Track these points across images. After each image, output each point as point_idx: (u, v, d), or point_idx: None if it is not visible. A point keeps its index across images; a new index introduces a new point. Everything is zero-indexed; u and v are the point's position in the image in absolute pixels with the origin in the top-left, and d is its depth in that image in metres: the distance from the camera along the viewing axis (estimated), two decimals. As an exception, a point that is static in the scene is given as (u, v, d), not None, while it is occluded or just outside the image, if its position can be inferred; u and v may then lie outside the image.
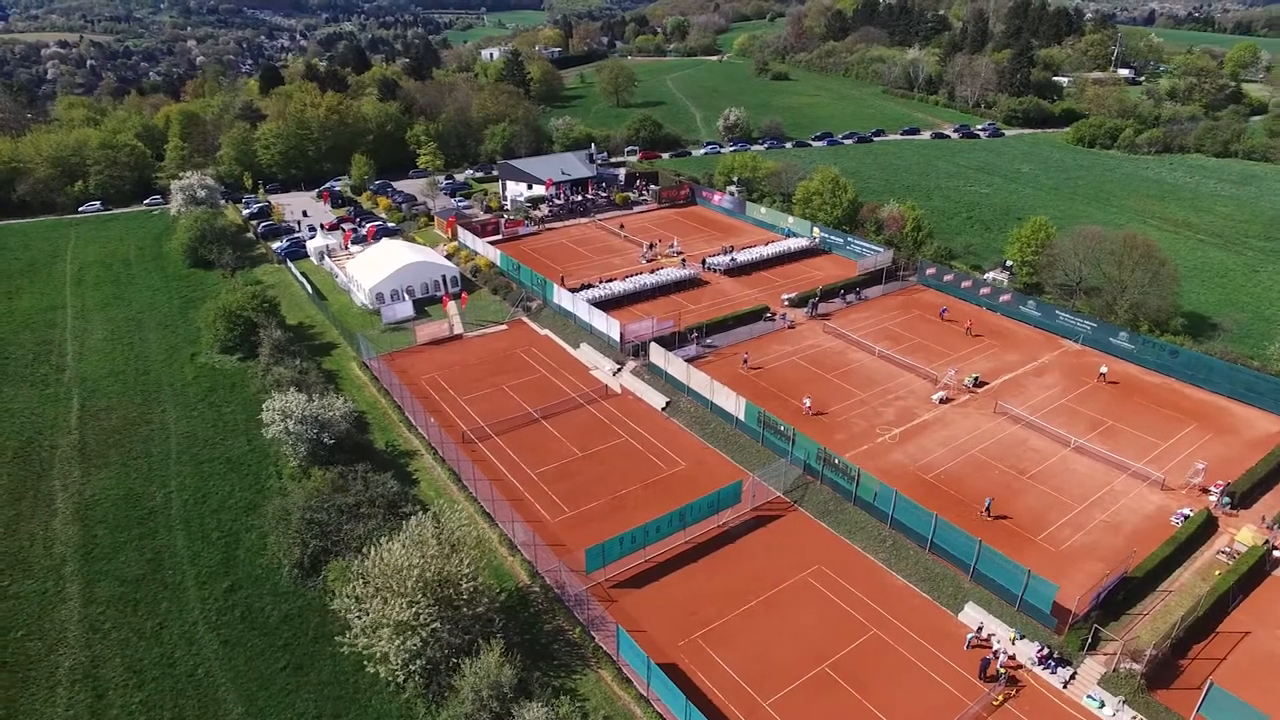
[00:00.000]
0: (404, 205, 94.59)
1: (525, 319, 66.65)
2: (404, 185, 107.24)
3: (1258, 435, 48.65)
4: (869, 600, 36.74)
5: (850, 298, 68.85)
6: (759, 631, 34.92)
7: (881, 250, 74.41)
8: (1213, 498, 42.33)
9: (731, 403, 48.84)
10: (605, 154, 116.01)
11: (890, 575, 38.31)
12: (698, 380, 51.52)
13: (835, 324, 63.69)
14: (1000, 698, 31.55)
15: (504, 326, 65.56)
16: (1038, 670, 32.77)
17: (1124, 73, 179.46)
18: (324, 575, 37.23)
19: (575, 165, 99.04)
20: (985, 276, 67.86)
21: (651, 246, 79.61)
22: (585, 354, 60.00)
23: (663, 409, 52.59)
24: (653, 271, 72.91)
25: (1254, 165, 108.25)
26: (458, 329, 64.11)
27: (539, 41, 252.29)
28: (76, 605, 37.34)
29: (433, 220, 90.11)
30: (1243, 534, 39.22)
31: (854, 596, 36.97)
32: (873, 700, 31.56)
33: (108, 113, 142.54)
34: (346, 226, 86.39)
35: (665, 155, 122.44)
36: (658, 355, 55.00)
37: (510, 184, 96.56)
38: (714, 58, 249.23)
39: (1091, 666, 32.59)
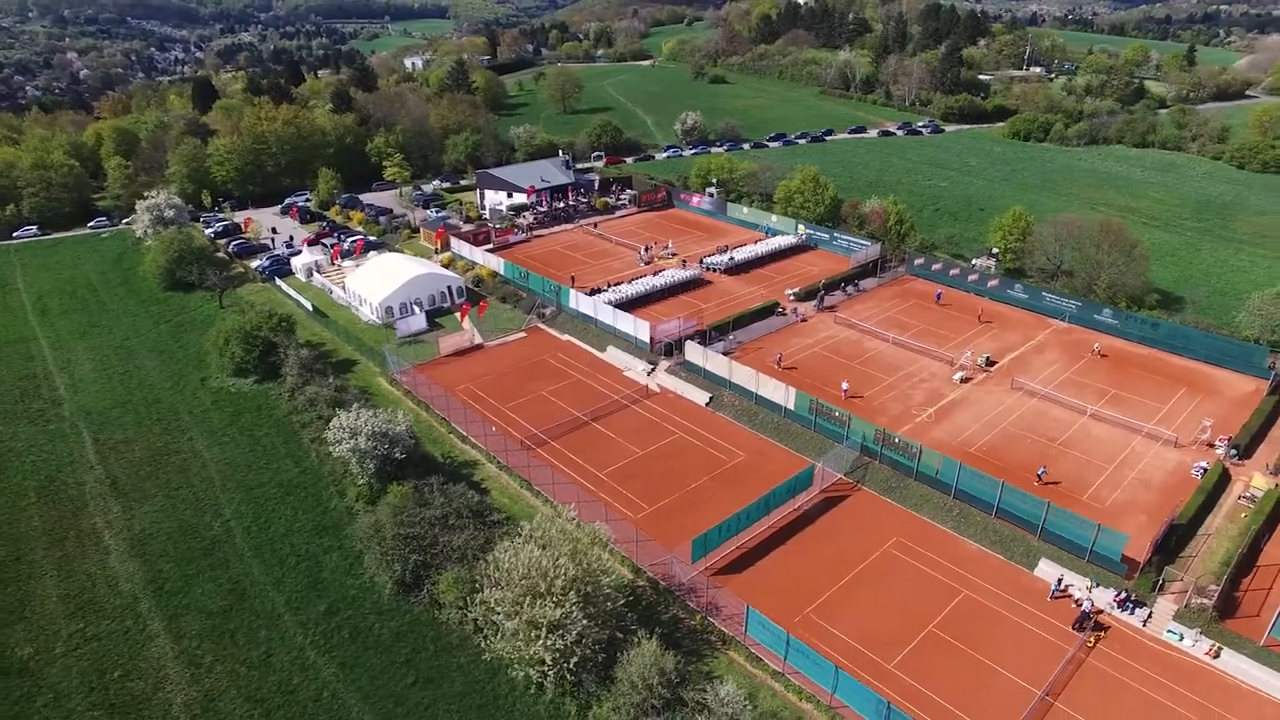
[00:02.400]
0: (382, 218, 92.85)
1: (541, 325, 67.03)
2: (371, 198, 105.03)
3: (1239, 394, 54.25)
4: (950, 565, 39.41)
5: (850, 289, 72.27)
6: (861, 602, 37.02)
7: (869, 244, 78.33)
8: (1219, 450, 47.14)
9: (781, 393, 50.93)
10: (573, 160, 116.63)
11: (963, 541, 41.13)
12: (741, 374, 53.41)
13: (845, 315, 66.83)
14: (1093, 640, 34.64)
15: (523, 334, 65.76)
16: (1118, 613, 36.09)
17: (1036, 70, 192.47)
18: (428, 588, 37.15)
19: (553, 172, 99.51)
20: (974, 263, 72.52)
21: (648, 249, 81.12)
22: (614, 356, 60.99)
23: (706, 404, 54.23)
24: (655, 273, 74.49)
25: (1170, 154, 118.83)
26: (478, 339, 64.00)
27: (467, 49, 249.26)
28: (166, 641, 36.01)
29: (416, 232, 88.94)
30: (1256, 480, 44.00)
31: (936, 563, 39.58)
32: (983, 654, 34.10)
33: (24, 131, 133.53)
34: (331, 241, 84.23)
35: (629, 160, 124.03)
36: (695, 353, 56.60)
37: (489, 193, 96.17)
38: (645, 62, 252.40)
39: (1164, 605, 36.15)
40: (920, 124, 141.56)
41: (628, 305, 66.45)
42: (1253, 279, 71.08)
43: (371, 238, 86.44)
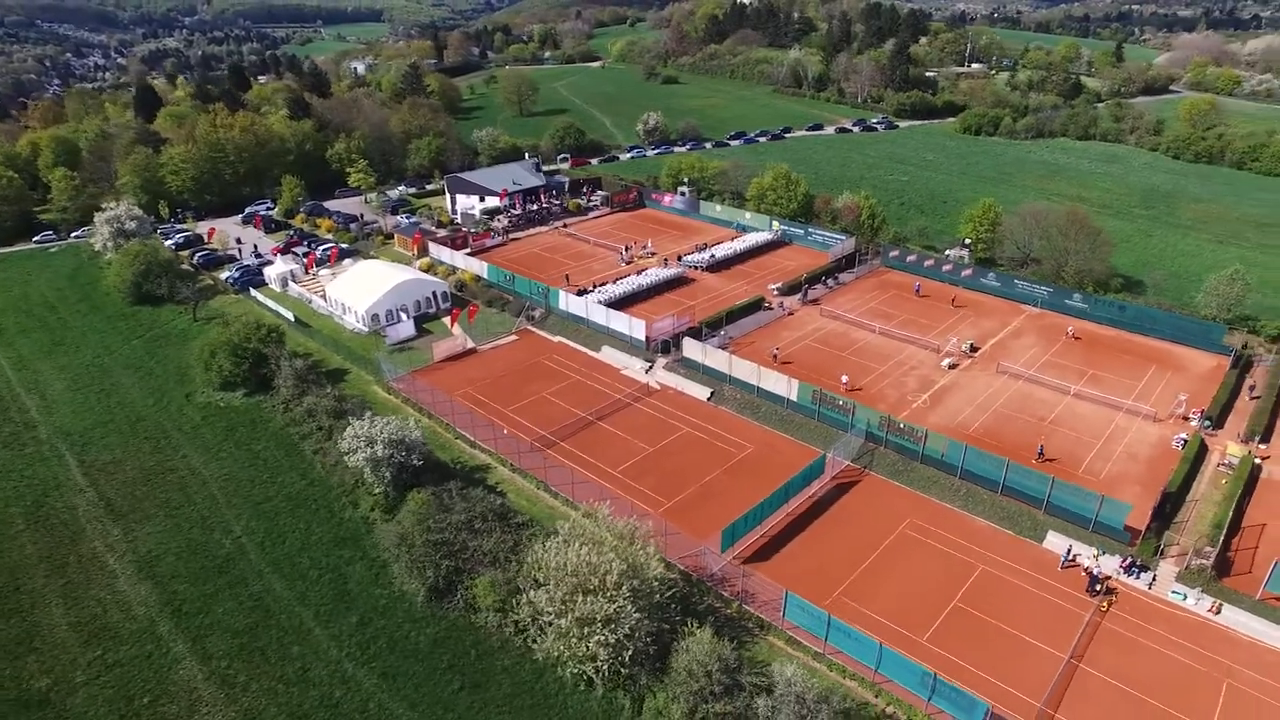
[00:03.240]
0: (352, 225, 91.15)
1: (531, 328, 66.93)
2: (335, 205, 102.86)
3: (1203, 370, 57.74)
4: (964, 542, 41.06)
5: (830, 283, 74.14)
6: (887, 582, 38.31)
7: (844, 238, 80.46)
8: (1194, 422, 50.17)
9: (783, 386, 52.11)
10: (541, 162, 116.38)
11: (973, 519, 42.87)
12: (742, 369, 54.43)
13: (829, 307, 68.57)
14: (1106, 605, 36.65)
15: (514, 337, 65.57)
16: (1125, 579, 38.22)
17: (977, 67, 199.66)
18: (462, 593, 37.01)
19: (524, 175, 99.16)
20: (947, 254, 75.20)
21: (628, 249, 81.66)
22: (609, 356, 61.36)
23: (708, 399, 55.08)
24: (639, 273, 75.10)
25: (1112, 146, 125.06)
26: (469, 344, 63.59)
27: (413, 53, 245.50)
28: (194, 663, 35.08)
29: (390, 239, 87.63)
30: (1231, 449, 47.03)
31: (950, 541, 41.18)
32: (1009, 623, 35.73)
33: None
34: (304, 250, 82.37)
35: (594, 161, 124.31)
36: (694, 349, 57.41)
37: (460, 197, 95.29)
38: (595, 64, 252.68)
39: (1166, 569, 38.44)
40: (875, 120, 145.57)
41: (616, 305, 66.86)
42: (1201, 261, 75.58)
43: (343, 245, 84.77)
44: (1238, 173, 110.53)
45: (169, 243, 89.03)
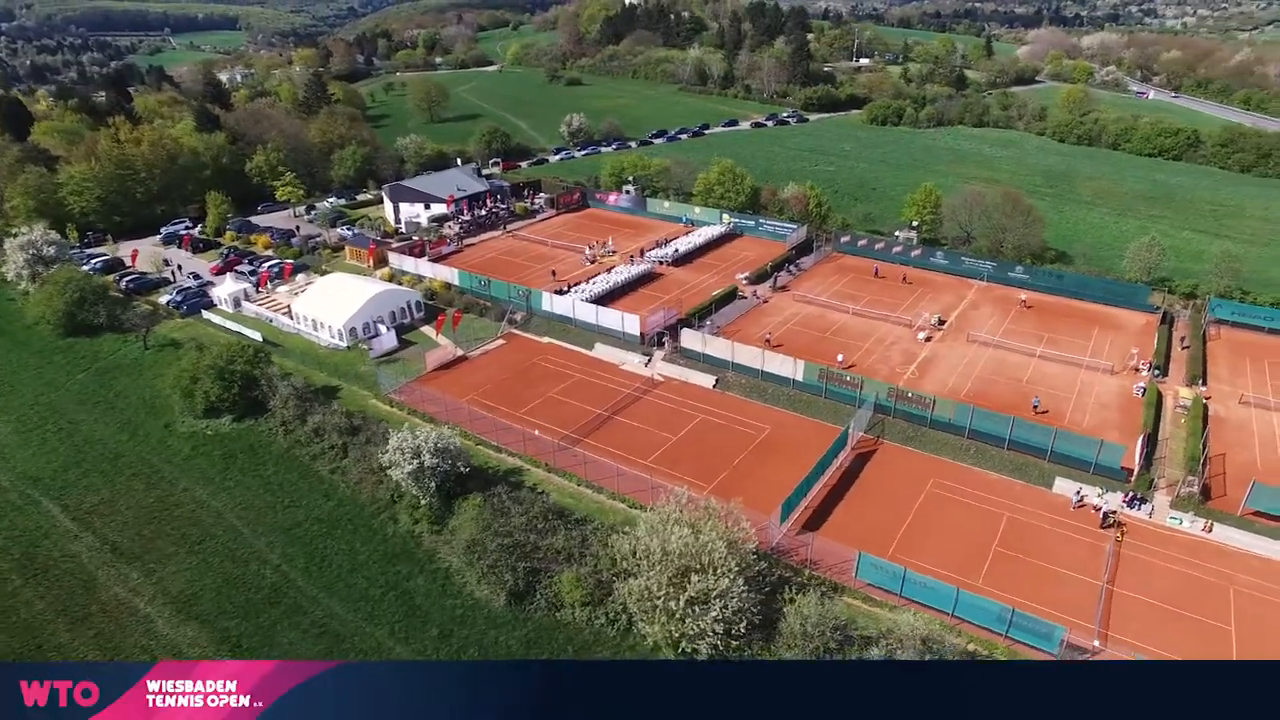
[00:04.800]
0: (294, 240, 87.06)
1: (516, 331, 66.63)
2: (262, 221, 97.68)
3: (1137, 326, 65.01)
4: (985, 494, 44.88)
5: (793, 269, 77.74)
6: (930, 537, 41.39)
7: (795, 227, 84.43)
8: (1144, 373, 56.59)
9: (789, 367, 54.69)
10: (480, 167, 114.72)
11: (987, 474, 46.82)
12: (745, 354, 56.63)
13: (800, 292, 72.01)
14: (1120, 535, 41.23)
15: (501, 341, 65.08)
16: (1129, 511, 43.04)
17: (865, 62, 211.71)
18: (542, 592, 37.15)
19: (468, 181, 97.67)
20: (897, 235, 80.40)
21: (591, 249, 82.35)
22: (605, 352, 62.08)
23: (713, 386, 56.94)
24: (608, 270, 76.05)
25: (1005, 132, 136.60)
26: (458, 351, 62.66)
27: (299, 61, 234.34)
28: (275, 696, 33.51)
29: (338, 251, 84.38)
30: (1182, 392, 53.55)
31: (973, 494, 44.91)
32: (1043, 559, 39.57)
33: None
34: (250, 267, 78.08)
35: (523, 164, 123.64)
36: (694, 339, 59.11)
37: (404, 206, 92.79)
38: (490, 68, 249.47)
39: (1160, 499, 43.59)
40: (786, 114, 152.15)
41: (597, 303, 67.62)
42: (1108, 232, 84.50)
43: (288, 261, 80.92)
44: (1114, 153, 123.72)
45: (84, 268, 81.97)
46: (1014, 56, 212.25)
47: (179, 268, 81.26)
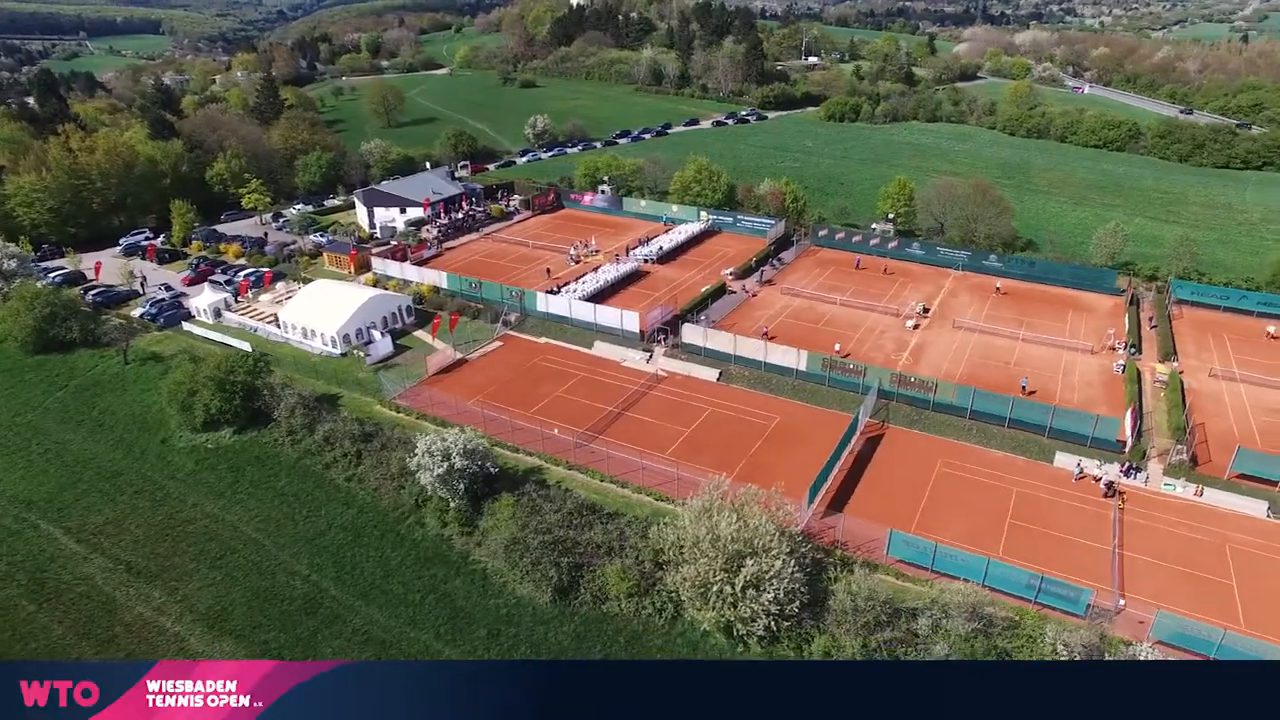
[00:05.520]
0: (268, 248, 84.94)
1: (512, 332, 66.52)
2: (227, 229, 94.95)
3: (1106, 308, 68.62)
4: (992, 471, 46.98)
5: (776, 264, 79.46)
6: (947, 514, 43.13)
7: (773, 222, 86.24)
8: (1120, 351, 59.87)
9: (792, 358, 56.10)
10: (454, 171, 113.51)
11: (991, 452, 48.98)
12: (748, 347, 57.85)
13: (787, 286, 73.68)
14: (1122, 502, 43.75)
15: (499, 343, 64.90)
16: (1126, 480, 45.64)
17: (813, 60, 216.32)
18: (586, 586, 37.54)
19: (442, 184, 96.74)
20: (874, 228, 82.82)
21: (575, 249, 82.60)
22: (605, 350, 62.51)
23: (718, 380, 57.97)
24: (596, 270, 76.47)
25: (958, 126, 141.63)
26: (456, 354, 62.31)
27: (240, 66, 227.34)
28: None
29: (315, 258, 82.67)
30: (1159, 368, 56.85)
31: (981, 472, 46.96)
32: (1056, 529, 41.73)
33: None
34: (226, 277, 75.98)
35: (491, 167, 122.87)
36: (695, 334, 60.06)
37: (379, 210, 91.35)
38: (440, 71, 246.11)
39: (1154, 468, 46.35)
40: (745, 112, 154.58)
41: (591, 301, 68.04)
42: (1068, 220, 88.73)
43: (268, 269, 79.00)
44: (1062, 145, 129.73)
45: (42, 282, 78.45)
46: (955, 53, 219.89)
47: (144, 279, 78.53)
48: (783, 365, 56.57)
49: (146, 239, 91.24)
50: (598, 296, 70.46)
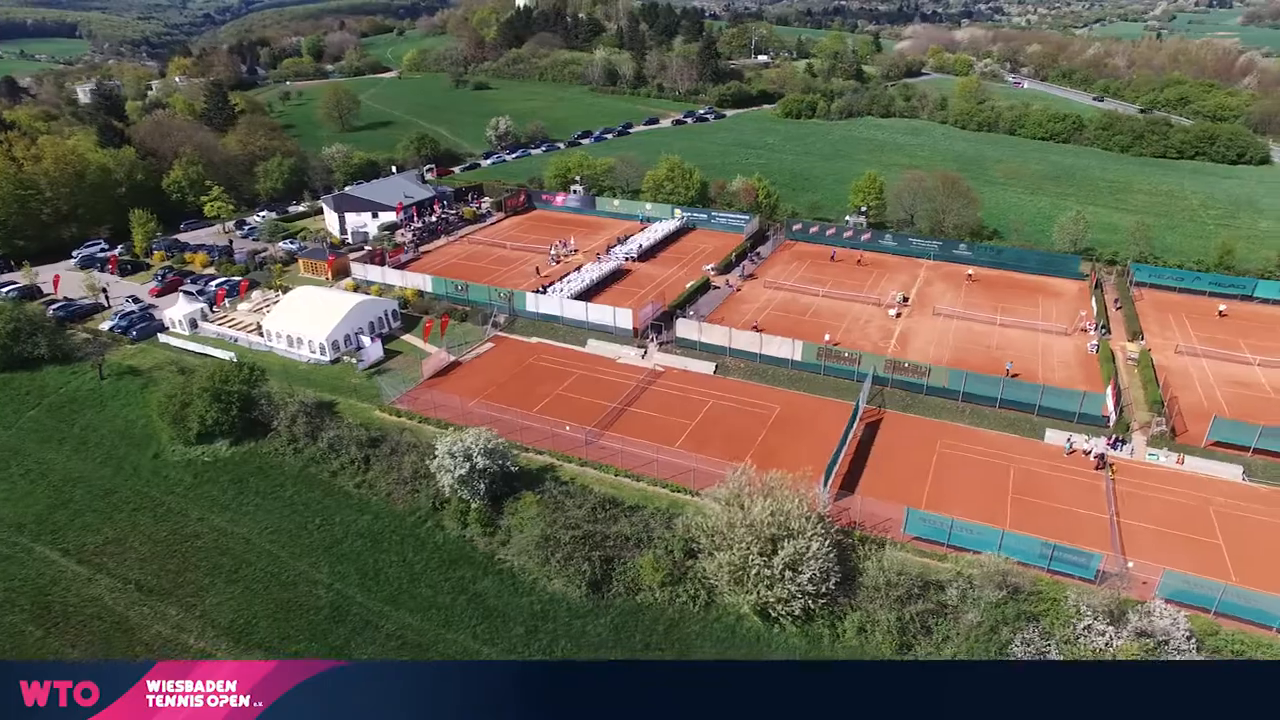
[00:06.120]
0: (237, 256, 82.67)
1: (502, 333, 66.33)
2: (188, 238, 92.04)
3: (1073, 291, 72.02)
4: (988, 449, 49.04)
5: (754, 258, 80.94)
6: (953, 491, 44.87)
7: (748, 217, 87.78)
8: (1092, 332, 62.99)
9: (787, 349, 57.42)
10: (423, 174, 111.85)
11: (985, 432, 51.09)
12: (743, 339, 58.97)
13: (768, 279, 75.19)
14: (1112, 473, 46.24)
15: (490, 344, 64.66)
16: (1113, 452, 48.21)
17: (762, 58, 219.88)
18: (618, 578, 37.99)
19: (414, 188, 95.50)
20: (848, 220, 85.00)
21: (553, 249, 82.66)
22: (599, 348, 62.86)
23: (714, 373, 58.95)
24: (578, 269, 76.74)
25: (912, 121, 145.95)
26: (449, 356, 61.90)
27: (177, 71, 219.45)
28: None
29: (289, 266, 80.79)
30: (1129, 347, 60.06)
31: (978, 451, 48.99)
32: (1055, 500, 43.89)
33: None
34: (195, 287, 73.75)
35: (456, 170, 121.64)
36: (689, 328, 60.92)
37: (350, 215, 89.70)
38: (388, 75, 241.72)
39: (1138, 439, 49.06)
40: (703, 111, 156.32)
41: (579, 299, 68.34)
42: (1027, 209, 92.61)
43: (243, 278, 76.94)
44: (1012, 138, 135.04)
45: (-3, 299, 74.87)
46: (900, 50, 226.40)
47: (107, 292, 75.65)
48: (778, 356, 57.85)
49: (103, 250, 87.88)
50: (584, 295, 70.73)
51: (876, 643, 34.27)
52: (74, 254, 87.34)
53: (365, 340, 62.73)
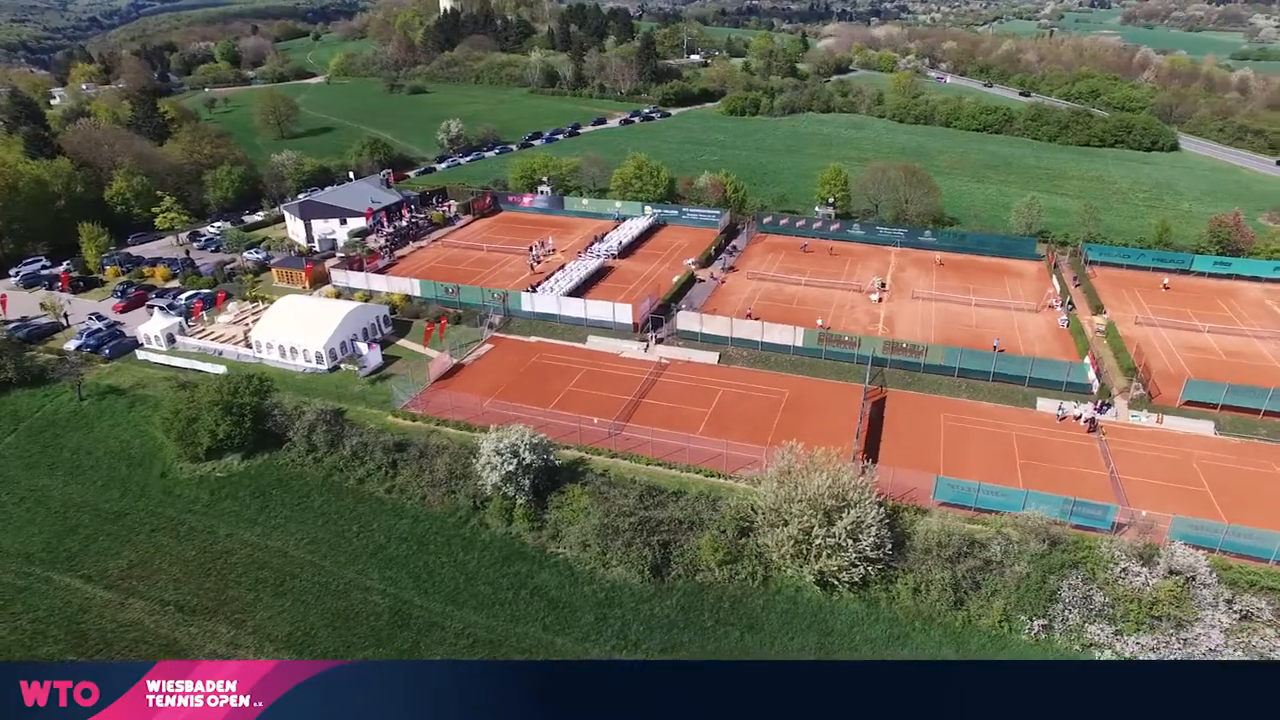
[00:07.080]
0: (204, 268, 79.47)
1: (498, 334, 66.26)
2: (140, 251, 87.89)
3: (1033, 272, 77.01)
4: (988, 420, 52.37)
5: (730, 251, 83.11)
6: (965, 459, 47.82)
7: (719, 212, 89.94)
8: (1060, 308, 67.63)
9: (789, 336, 59.59)
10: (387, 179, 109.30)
11: (981, 404, 54.44)
12: (743, 329, 60.84)
13: (751, 271, 77.42)
14: (1104, 435, 50.17)
15: (489, 345, 64.52)
16: (1101, 416, 52.23)
17: (695, 57, 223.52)
18: (677, 561, 39.11)
19: (379, 193, 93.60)
20: (817, 212, 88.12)
21: (533, 249, 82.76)
22: (600, 344, 63.58)
23: (718, 362, 60.61)
24: (562, 268, 77.17)
25: (852, 116, 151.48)
26: (453, 359, 61.54)
27: (82, 79, 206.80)
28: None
29: (260, 276, 78.20)
30: (1097, 319, 64.86)
31: (980, 422, 52.25)
32: (1056, 462, 47.43)
33: None
34: (165, 301, 70.68)
35: (411, 174, 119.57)
36: (690, 320, 62.39)
37: (317, 222, 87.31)
38: (314, 80, 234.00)
39: (1120, 403, 53.29)
40: (648, 110, 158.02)
41: (572, 296, 68.97)
42: (976, 196, 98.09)
43: (204, 290, 74.10)
44: (948, 129, 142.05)
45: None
46: (825, 48, 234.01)
47: (67, 310, 71.67)
48: (779, 343, 59.96)
49: (45, 268, 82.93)
50: (575, 292, 71.26)
51: (932, 600, 36.55)
52: (13, 272, 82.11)
53: (363, 347, 61.63)
